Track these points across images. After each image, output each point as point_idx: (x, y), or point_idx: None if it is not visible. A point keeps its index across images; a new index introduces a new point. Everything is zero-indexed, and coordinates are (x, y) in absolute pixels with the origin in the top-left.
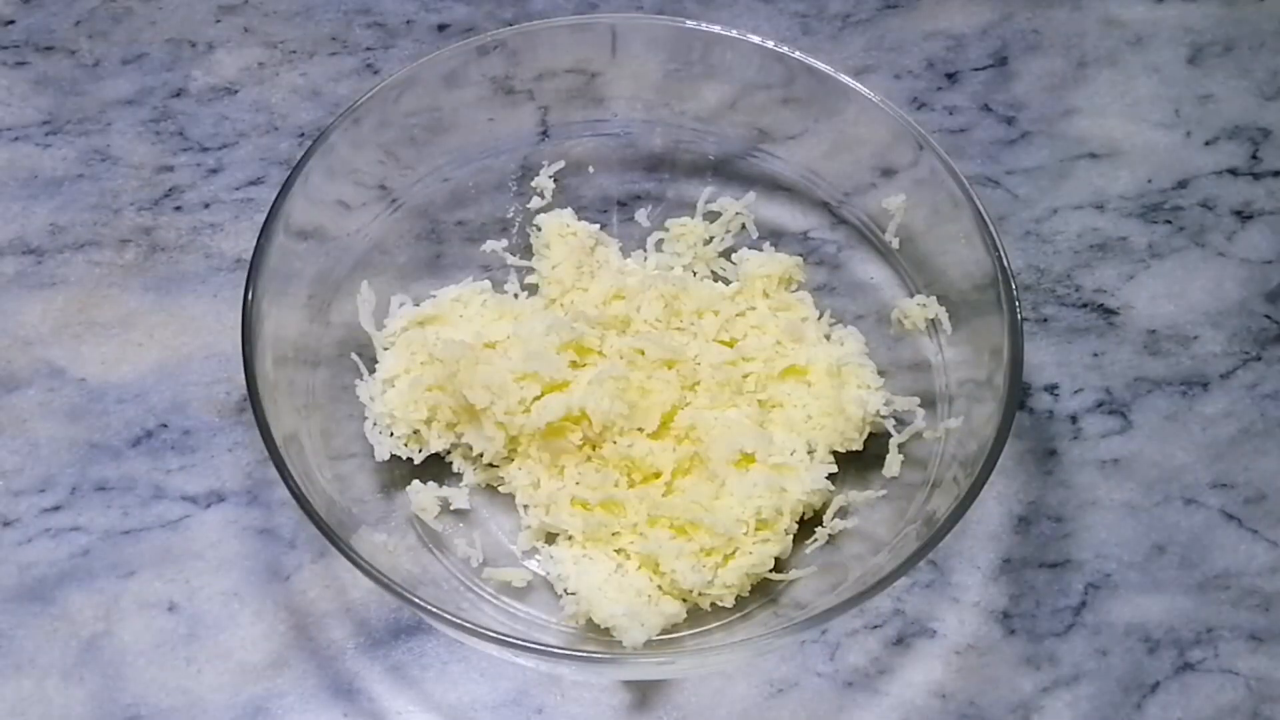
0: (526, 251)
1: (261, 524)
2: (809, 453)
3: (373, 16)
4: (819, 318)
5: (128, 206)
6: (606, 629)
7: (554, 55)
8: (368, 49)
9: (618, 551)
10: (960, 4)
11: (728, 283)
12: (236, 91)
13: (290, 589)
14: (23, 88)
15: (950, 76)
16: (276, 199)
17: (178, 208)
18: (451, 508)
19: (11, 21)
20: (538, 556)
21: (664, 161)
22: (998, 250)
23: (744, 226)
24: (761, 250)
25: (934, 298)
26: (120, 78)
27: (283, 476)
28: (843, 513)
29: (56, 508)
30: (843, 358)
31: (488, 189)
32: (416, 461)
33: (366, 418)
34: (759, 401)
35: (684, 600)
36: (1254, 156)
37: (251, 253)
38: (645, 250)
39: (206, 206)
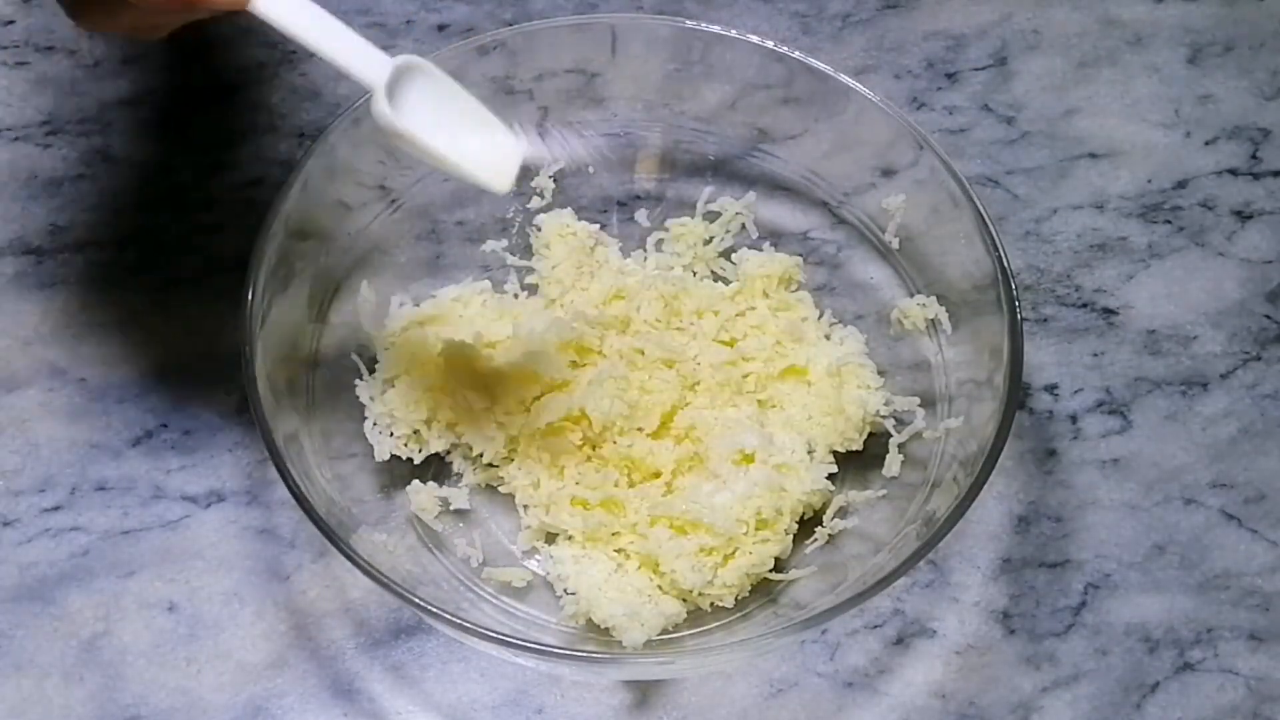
0: (526, 251)
1: (261, 524)
2: (809, 453)
3: (373, 16)
4: (819, 318)
5: (128, 206)
6: (606, 629)
7: (554, 55)
8: None
9: (618, 551)
10: (960, 4)
11: (728, 283)
12: (236, 91)
13: (290, 589)
14: (23, 88)
15: (950, 76)
16: (276, 199)
17: (178, 208)
18: (451, 508)
19: (11, 21)
20: (538, 556)
21: (664, 161)
22: (998, 250)
23: (744, 226)
24: (761, 250)
25: (934, 298)
26: (120, 78)
27: (283, 476)
28: (843, 513)
29: (56, 508)
30: (843, 358)
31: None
32: (416, 461)
33: (366, 418)
34: (759, 401)
35: (684, 600)
36: (1254, 156)
37: (251, 253)
38: (645, 250)
39: (206, 207)
